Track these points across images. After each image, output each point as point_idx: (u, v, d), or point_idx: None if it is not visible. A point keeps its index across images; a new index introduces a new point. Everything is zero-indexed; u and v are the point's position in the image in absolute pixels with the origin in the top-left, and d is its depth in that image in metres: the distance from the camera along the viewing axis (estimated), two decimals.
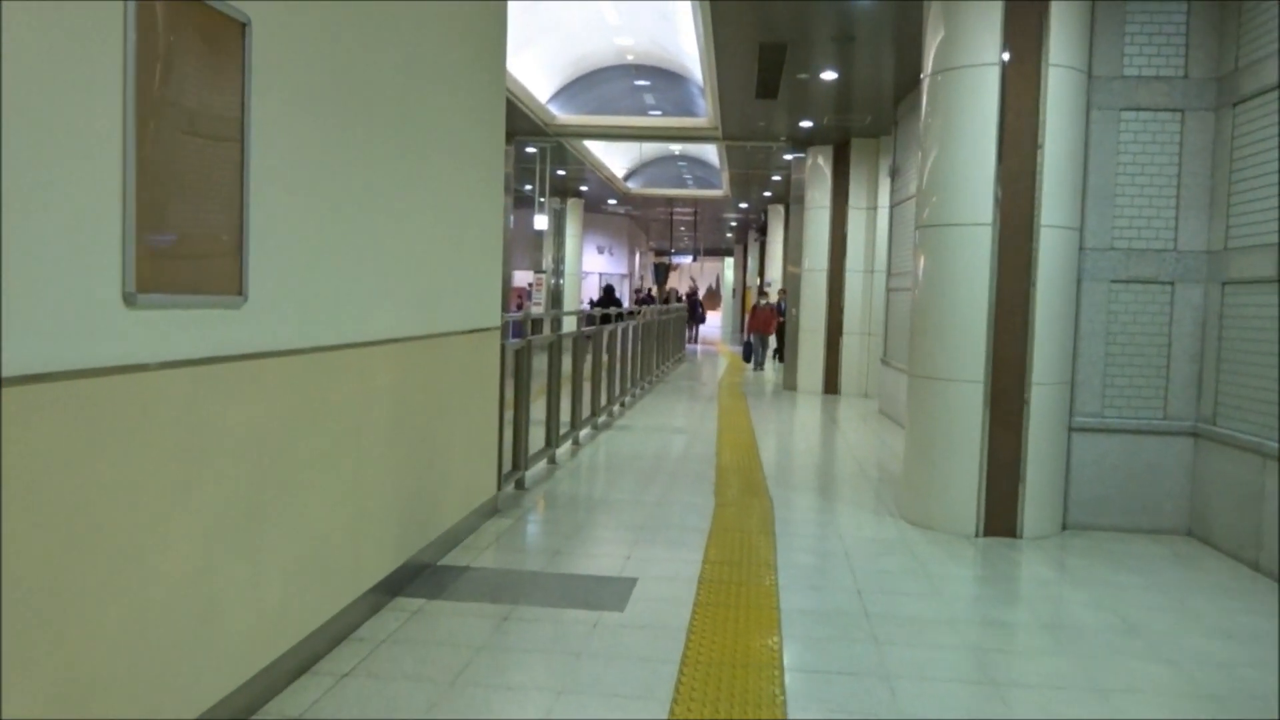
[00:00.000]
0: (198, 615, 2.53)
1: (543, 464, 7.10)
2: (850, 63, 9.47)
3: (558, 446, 7.43)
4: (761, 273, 28.10)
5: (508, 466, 6.06)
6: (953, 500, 5.47)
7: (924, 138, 5.69)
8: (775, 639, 3.67)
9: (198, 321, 2.51)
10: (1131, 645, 3.77)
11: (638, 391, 12.36)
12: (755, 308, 18.23)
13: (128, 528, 2.24)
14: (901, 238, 10.85)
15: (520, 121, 13.28)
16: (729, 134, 13.60)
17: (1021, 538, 5.40)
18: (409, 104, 3.96)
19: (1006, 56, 5.25)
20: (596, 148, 17.34)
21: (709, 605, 4.04)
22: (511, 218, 14.49)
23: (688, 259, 33.39)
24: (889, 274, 11.45)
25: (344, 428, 3.46)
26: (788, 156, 15.23)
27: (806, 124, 12.51)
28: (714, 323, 41.47)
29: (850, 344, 13.49)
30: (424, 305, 4.29)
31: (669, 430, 9.45)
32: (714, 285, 48.28)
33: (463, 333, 4.86)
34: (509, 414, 6.06)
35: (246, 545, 2.78)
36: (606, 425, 9.48)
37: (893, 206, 11.40)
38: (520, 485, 6.30)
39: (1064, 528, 5.62)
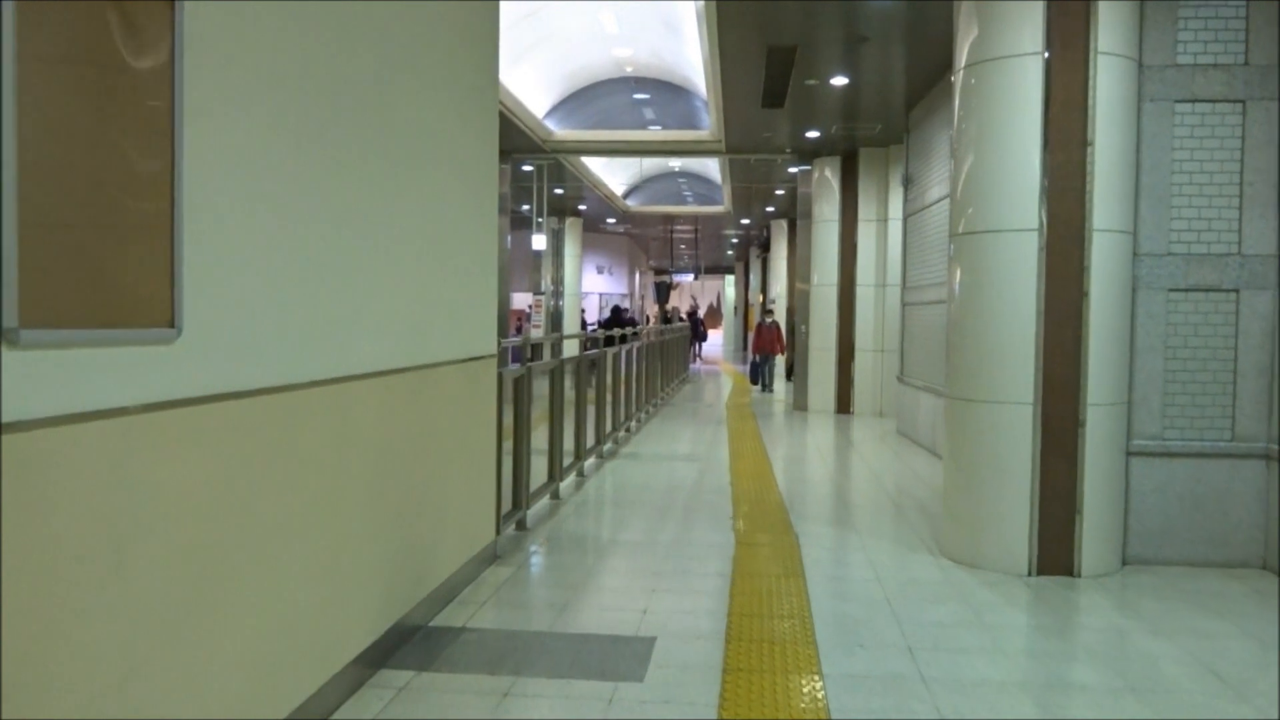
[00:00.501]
0: None
1: (545, 500, 6.56)
2: (861, 67, 9.01)
3: (561, 480, 6.89)
4: (764, 289, 27.65)
5: (507, 506, 5.53)
6: (1002, 535, 4.93)
7: (957, 138, 5.20)
8: (823, 718, 3.13)
9: (112, 363, 1.99)
10: (1240, 711, 3.23)
11: (643, 416, 11.83)
12: (760, 326, 17.32)
13: (20, 639, 1.71)
14: (917, 249, 10.36)
15: (517, 138, 12.83)
16: (733, 147, 13.14)
17: (1080, 576, 4.86)
18: (390, 104, 3.47)
19: (1050, 45, 4.76)
20: (595, 165, 16.91)
21: (741, 671, 3.50)
22: (509, 238, 14.03)
23: (689, 277, 32.93)
24: (904, 288, 10.96)
25: (317, 478, 2.94)
26: (793, 170, 14.79)
27: (813, 134, 12.05)
28: (715, 341, 41.03)
29: (863, 361, 12.98)
30: (412, 332, 3.78)
31: (678, 458, 8.91)
32: (715, 303, 47.86)
33: (456, 362, 4.35)
34: (508, 447, 5.54)
35: (189, 635, 2.25)
36: (612, 454, 8.94)
37: (907, 217, 10.92)
38: (522, 526, 5.76)
39: (1124, 563, 5.08)
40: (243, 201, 2.48)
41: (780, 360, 17.83)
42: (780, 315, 21.53)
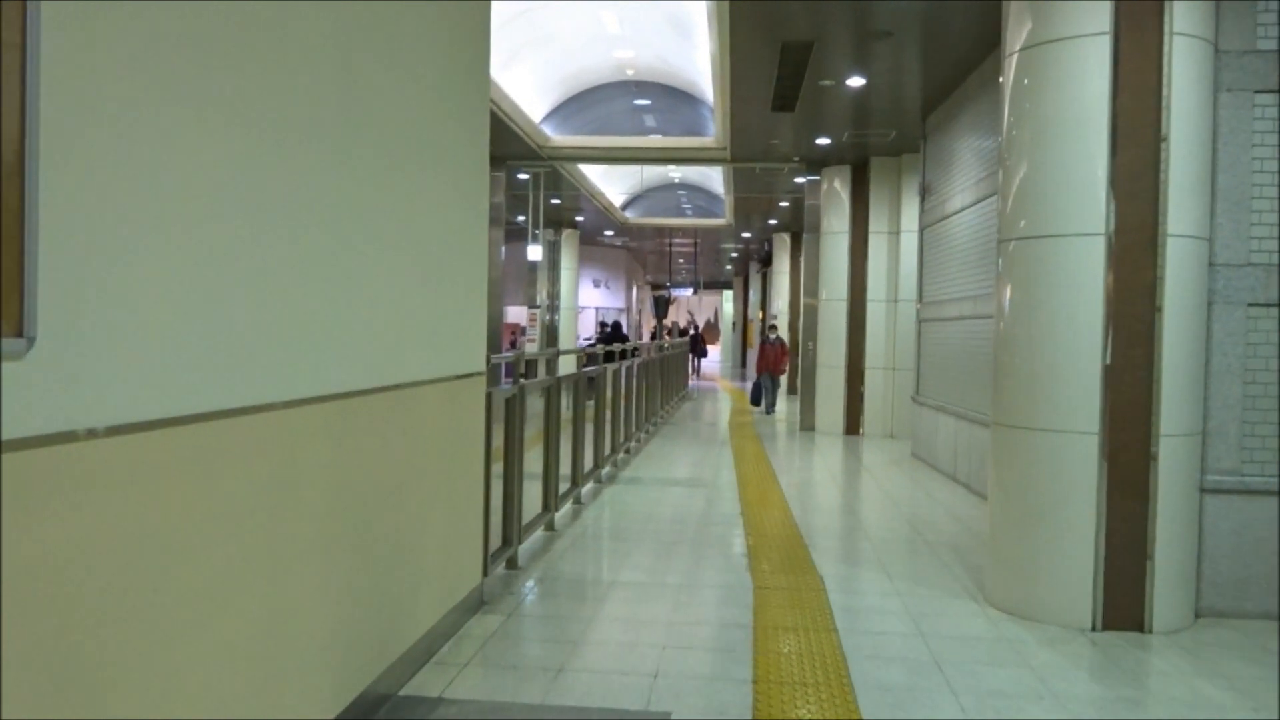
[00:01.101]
0: None
1: (539, 532, 5.93)
2: (878, 67, 8.45)
3: (557, 509, 6.27)
4: (764, 305, 27.08)
5: (496, 542, 4.90)
6: (1061, 584, 4.31)
7: (1006, 132, 4.61)
8: None
9: None
10: None
11: (643, 436, 11.21)
12: (763, 344, 15.92)
13: None
14: (935, 262, 9.79)
15: (512, 143, 12.25)
16: (738, 155, 12.58)
17: (1150, 632, 4.24)
18: (357, 85, 2.86)
19: (1119, 24, 4.18)
20: (593, 174, 16.33)
21: None
22: (503, 250, 13.43)
23: (687, 292, 32.34)
24: (921, 303, 10.38)
25: (247, 530, 2.31)
26: (799, 180, 14.24)
27: (823, 141, 11.50)
28: (713, 358, 40.45)
29: (873, 380, 12.38)
30: (382, 347, 3.16)
31: (683, 483, 8.29)
32: (712, 319, 47.33)
33: (437, 381, 3.74)
34: (498, 472, 4.91)
35: None
36: (611, 478, 8.32)
37: (923, 229, 10.35)
38: (513, 564, 5.13)
39: (1196, 616, 4.47)
40: (142, 188, 1.87)
41: (783, 379, 16.92)
42: (784, 331, 20.96)
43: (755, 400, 15.82)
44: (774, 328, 16.66)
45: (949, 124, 9.39)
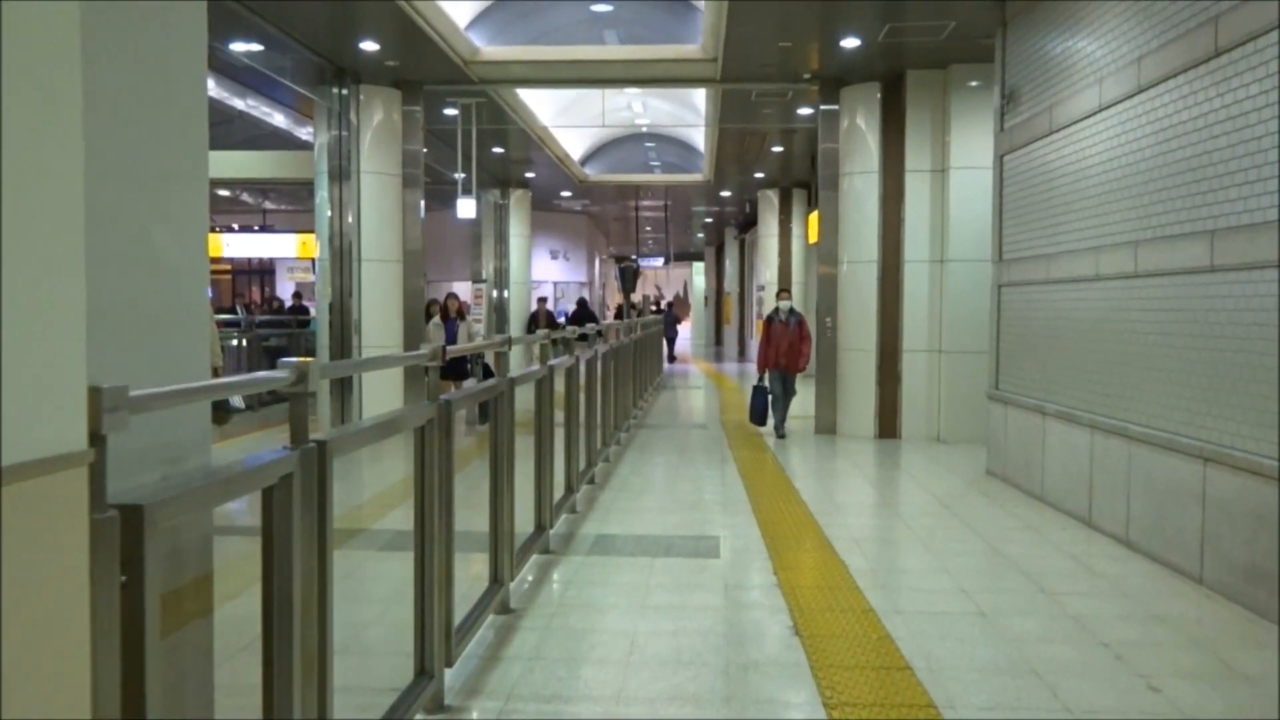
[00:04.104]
0: None
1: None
2: None
3: (451, 661, 3.19)
4: (743, 278, 24.03)
5: None
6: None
7: None
8: None
9: None
10: None
11: (610, 453, 8.15)
12: (770, 324, 9.84)
13: None
14: (1027, 201, 6.79)
15: (428, 58, 9.04)
16: (731, 71, 9.46)
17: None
18: None
19: None
20: (543, 111, 13.06)
21: None
22: (421, 210, 10.27)
23: (658, 262, 29.13)
24: (1000, 260, 7.38)
25: None
26: (804, 110, 11.16)
27: (851, 44, 8.42)
28: (684, 335, 37.40)
29: (914, 367, 9.39)
30: None
31: (680, 547, 5.23)
32: (681, 293, 44.38)
33: None
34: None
35: None
36: (566, 541, 5.25)
37: (1003, 155, 7.32)
38: None
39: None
40: None
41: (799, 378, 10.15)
42: (771, 306, 17.87)
43: (759, 417, 9.69)
44: (786, 294, 10.35)
45: (1040, 7, 6.38)
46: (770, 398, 9.69)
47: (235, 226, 23.28)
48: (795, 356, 9.60)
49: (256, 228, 22.44)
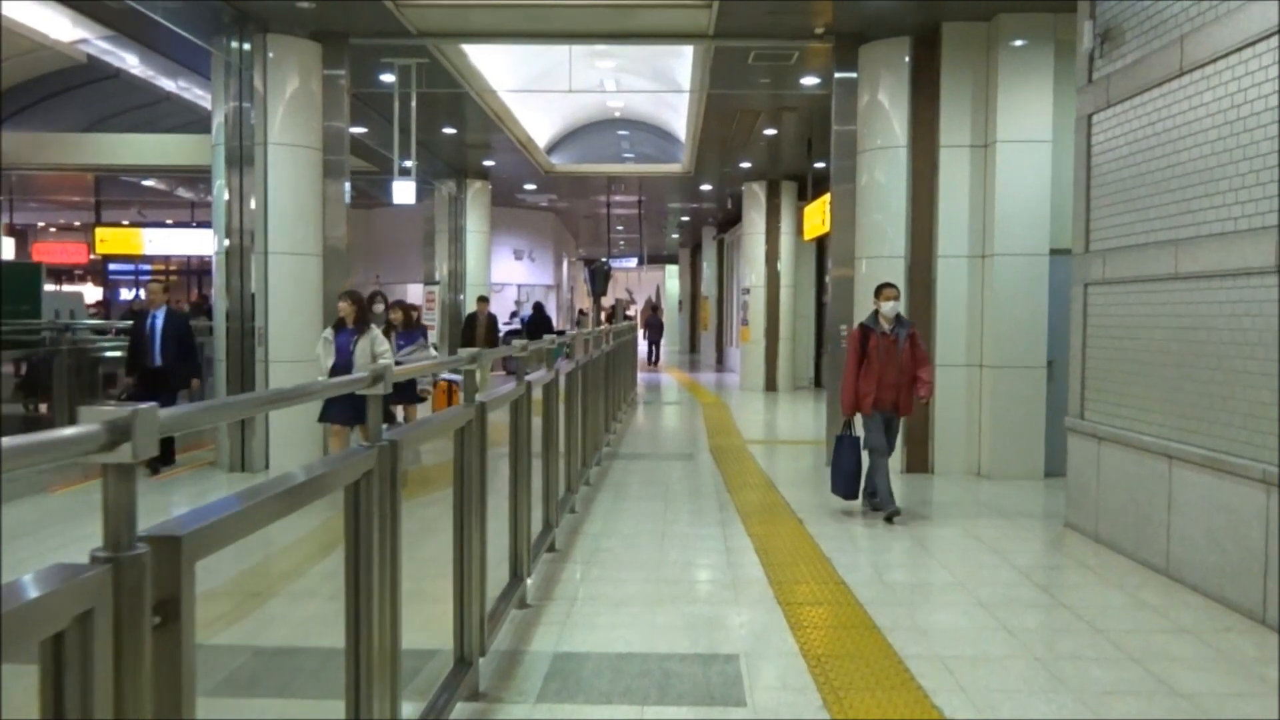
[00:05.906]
0: None
1: None
2: None
3: None
4: (722, 280, 22.28)
5: None
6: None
7: None
8: None
9: None
10: None
11: (577, 500, 6.34)
12: (865, 337, 5.97)
13: None
14: (1125, 175, 5.08)
15: (354, 4, 7.19)
16: (727, 23, 7.69)
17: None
18: None
19: None
20: (503, 81, 11.20)
21: None
22: (348, 192, 8.40)
23: (630, 262, 27.30)
24: (1087, 251, 5.66)
25: None
26: (808, 80, 9.42)
27: None
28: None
29: (950, 385, 7.67)
30: None
31: (677, 677, 3.42)
32: (654, 298, 42.65)
33: None
34: None
35: None
36: (508, 670, 3.42)
37: (1091, 115, 5.61)
38: None
39: None
40: None
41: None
42: (758, 312, 16.14)
43: (848, 485, 6.01)
44: (892, 291, 6.02)
45: None
46: (870, 453, 5.97)
47: (169, 222, 21.34)
48: (910, 391, 5.98)
49: (195, 224, 20.53)
